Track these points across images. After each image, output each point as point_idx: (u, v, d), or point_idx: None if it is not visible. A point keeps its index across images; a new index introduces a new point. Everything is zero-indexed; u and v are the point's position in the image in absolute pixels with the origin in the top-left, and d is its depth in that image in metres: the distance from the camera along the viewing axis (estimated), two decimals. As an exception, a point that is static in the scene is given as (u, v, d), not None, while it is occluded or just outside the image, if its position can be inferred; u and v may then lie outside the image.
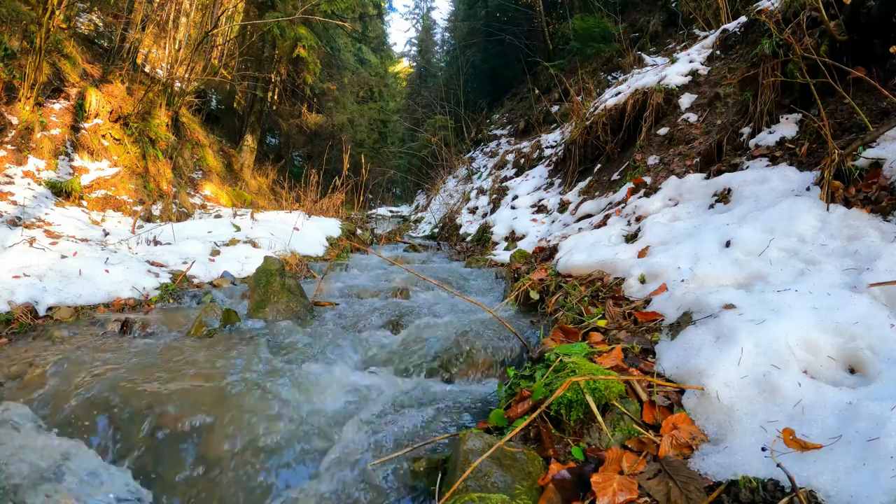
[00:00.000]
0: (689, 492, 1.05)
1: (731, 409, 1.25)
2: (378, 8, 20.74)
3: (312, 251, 5.56)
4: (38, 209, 4.80)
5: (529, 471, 1.19)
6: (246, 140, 12.26)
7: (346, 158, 8.26)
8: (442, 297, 3.35)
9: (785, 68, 2.83)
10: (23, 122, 5.41)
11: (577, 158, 5.70)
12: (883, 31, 2.36)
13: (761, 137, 2.90)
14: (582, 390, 1.33)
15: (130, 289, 3.37)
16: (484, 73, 14.62)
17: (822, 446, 1.06)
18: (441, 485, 1.30)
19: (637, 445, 1.24)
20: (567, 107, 8.32)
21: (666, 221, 2.83)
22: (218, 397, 1.75)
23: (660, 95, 4.59)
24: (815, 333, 1.39)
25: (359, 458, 1.48)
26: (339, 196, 8.58)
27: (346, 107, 16.75)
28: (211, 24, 8.67)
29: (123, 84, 7.14)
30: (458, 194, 9.55)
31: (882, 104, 2.30)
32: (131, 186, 6.32)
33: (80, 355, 2.27)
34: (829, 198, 2.05)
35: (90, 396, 1.81)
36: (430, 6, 31.35)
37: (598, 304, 2.27)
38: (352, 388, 1.96)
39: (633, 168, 4.20)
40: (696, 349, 1.49)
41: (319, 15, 11.01)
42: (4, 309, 2.76)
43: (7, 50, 5.43)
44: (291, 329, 2.66)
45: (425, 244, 7.27)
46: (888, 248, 1.67)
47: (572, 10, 10.35)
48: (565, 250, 3.23)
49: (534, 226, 5.45)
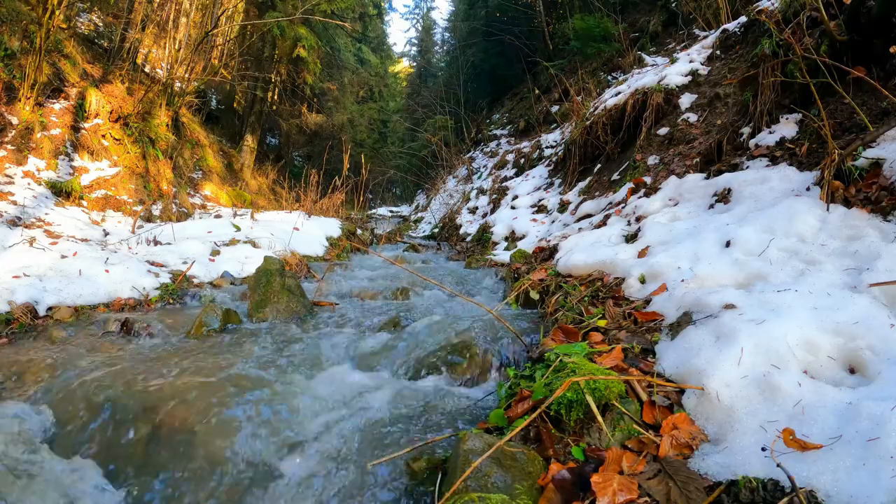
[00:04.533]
0: (689, 492, 1.05)
1: (731, 409, 1.25)
2: (378, 8, 20.72)
3: (312, 251, 5.55)
4: (38, 209, 4.80)
5: (529, 471, 1.19)
6: (246, 140, 12.25)
7: (346, 158, 8.25)
8: (442, 297, 3.35)
9: (785, 68, 2.83)
10: (23, 122, 5.41)
11: (577, 158, 5.70)
12: (883, 31, 2.36)
13: (761, 137, 2.90)
14: (582, 390, 1.33)
15: (130, 289, 3.37)
16: (484, 73, 14.61)
17: (822, 446, 1.06)
18: (441, 485, 1.30)
19: (637, 445, 1.24)
20: (567, 107, 8.32)
21: (666, 221, 2.83)
22: (218, 397, 1.75)
23: (660, 95, 4.58)
24: (815, 333, 1.39)
25: (358, 458, 1.48)
26: (339, 196, 8.57)
27: (346, 107, 16.73)
28: (211, 24, 8.68)
29: (123, 84, 7.14)
30: (458, 194, 9.54)
31: (882, 104, 2.30)
32: (131, 186, 6.31)
33: (80, 355, 2.27)
34: (829, 198, 2.05)
35: (90, 396, 1.81)
36: (430, 6, 31.34)
37: (598, 304, 2.27)
38: (351, 387, 1.96)
39: (633, 168, 4.20)
40: (696, 349, 1.49)
41: (319, 15, 11.01)
42: (4, 309, 2.76)
43: (7, 50, 5.43)
44: (291, 329, 2.66)
45: (425, 244, 7.27)
46: (888, 248, 1.67)
47: (572, 10, 10.34)
48: (565, 250, 3.23)
49: (534, 226, 5.45)
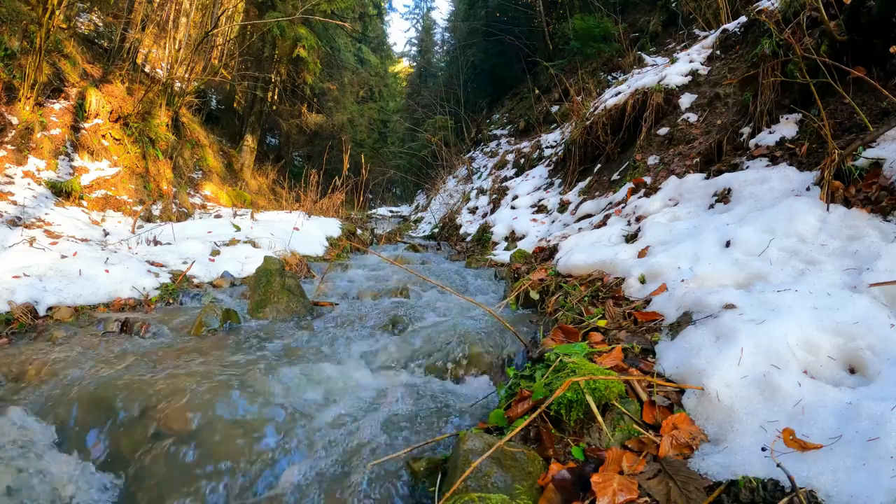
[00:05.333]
0: (689, 492, 1.05)
1: (731, 409, 1.25)
2: (378, 8, 20.72)
3: (312, 251, 5.55)
4: (38, 209, 4.80)
5: (529, 471, 1.19)
6: (246, 140, 12.25)
7: (346, 158, 8.25)
8: (441, 297, 3.35)
9: (785, 68, 2.83)
10: (23, 122, 5.41)
11: (577, 158, 5.69)
12: (883, 31, 2.36)
13: (761, 137, 2.90)
14: (582, 390, 1.33)
15: (130, 289, 3.37)
16: (484, 73, 14.60)
17: (822, 446, 1.06)
18: (441, 485, 1.30)
19: (637, 445, 1.24)
20: (567, 107, 8.32)
21: (666, 221, 2.83)
22: (217, 397, 1.75)
23: (660, 95, 4.58)
24: (815, 333, 1.39)
25: (358, 458, 1.48)
26: (339, 196, 8.57)
27: (346, 107, 16.72)
28: (211, 24, 8.68)
29: (123, 84, 7.14)
30: (458, 194, 9.54)
31: (882, 104, 2.30)
32: (131, 186, 6.31)
33: (80, 355, 2.27)
34: (829, 198, 2.05)
35: (89, 396, 1.81)
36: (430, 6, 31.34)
37: (598, 304, 2.27)
38: (351, 387, 1.96)
39: (633, 168, 4.20)
40: (696, 349, 1.49)
41: (319, 15, 11.00)
42: (4, 309, 2.76)
43: (7, 50, 5.43)
44: (291, 329, 2.66)
45: (425, 244, 7.26)
46: (888, 248, 1.67)
47: (572, 10, 10.34)
48: (565, 250, 3.23)
49: (534, 226, 5.45)
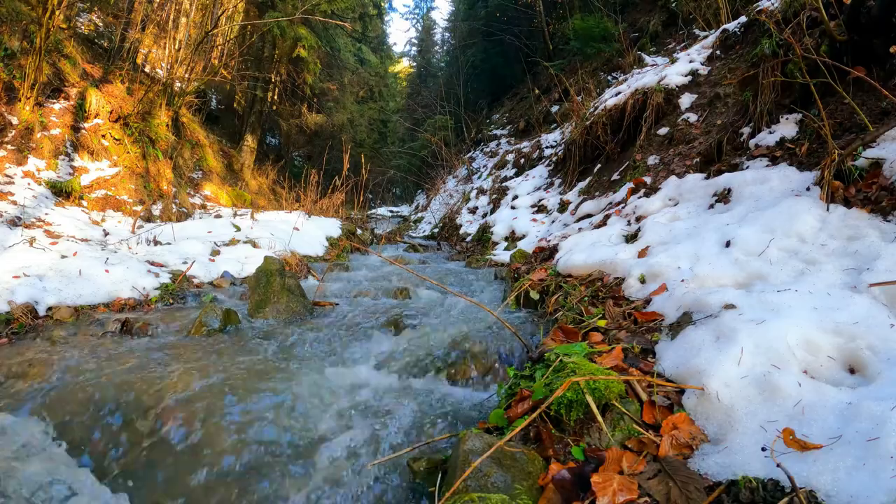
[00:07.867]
0: (689, 492, 1.05)
1: (731, 409, 1.25)
2: (378, 8, 20.70)
3: (312, 251, 5.55)
4: (38, 209, 4.80)
5: (529, 471, 1.19)
6: (246, 140, 12.25)
7: (346, 158, 8.25)
8: (441, 297, 3.35)
9: (785, 68, 2.83)
10: (23, 122, 5.41)
11: (577, 158, 5.70)
12: (883, 31, 2.36)
13: (761, 137, 2.90)
14: (582, 390, 1.33)
15: (130, 289, 3.37)
16: (484, 73, 14.61)
17: (822, 446, 1.06)
18: (441, 485, 1.30)
19: (637, 445, 1.24)
20: (567, 107, 8.32)
21: (666, 221, 2.83)
22: (217, 397, 1.75)
23: (660, 95, 4.58)
24: (815, 333, 1.39)
25: (357, 458, 1.48)
26: (339, 196, 8.57)
27: (346, 107, 16.72)
28: (211, 24, 8.67)
29: (123, 84, 7.14)
30: (458, 194, 9.54)
31: (882, 104, 2.30)
32: (131, 186, 6.31)
33: (80, 355, 2.27)
34: (829, 198, 2.05)
35: (89, 396, 1.81)
36: (430, 6, 31.36)
37: (598, 304, 2.27)
38: (351, 387, 1.96)
39: (633, 168, 4.20)
40: (696, 349, 1.49)
41: (319, 15, 11.00)
42: (4, 309, 2.76)
43: (7, 50, 5.43)
44: (291, 329, 2.66)
45: (425, 244, 7.26)
46: (888, 248, 1.67)
47: (572, 10, 10.35)
48: (565, 250, 3.23)
49: (534, 226, 5.45)
